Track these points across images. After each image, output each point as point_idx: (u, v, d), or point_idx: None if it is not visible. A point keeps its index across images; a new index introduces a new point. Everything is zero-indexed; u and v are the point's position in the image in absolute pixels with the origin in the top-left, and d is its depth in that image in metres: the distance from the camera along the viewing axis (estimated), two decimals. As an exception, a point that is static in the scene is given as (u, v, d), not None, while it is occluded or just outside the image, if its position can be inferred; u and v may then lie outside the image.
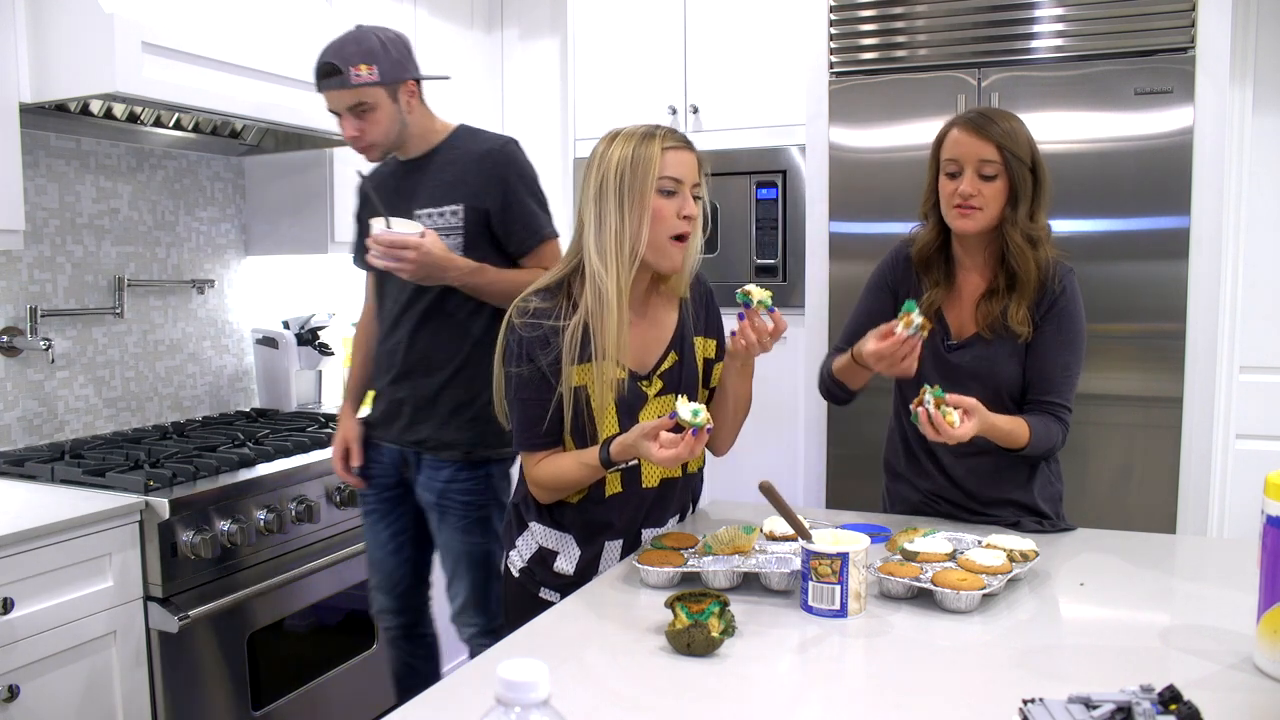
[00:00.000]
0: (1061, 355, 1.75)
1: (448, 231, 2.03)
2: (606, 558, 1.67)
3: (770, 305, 1.54)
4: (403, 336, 2.11)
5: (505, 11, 3.67)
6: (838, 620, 1.33)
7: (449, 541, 2.13)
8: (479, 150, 2.07)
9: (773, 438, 3.08)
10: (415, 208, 2.07)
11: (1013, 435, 1.67)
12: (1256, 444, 3.31)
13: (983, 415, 1.59)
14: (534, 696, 0.68)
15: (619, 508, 1.65)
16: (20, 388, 2.43)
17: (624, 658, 1.23)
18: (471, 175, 2.04)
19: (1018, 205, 1.72)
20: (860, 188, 2.80)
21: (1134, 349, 2.57)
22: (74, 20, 2.07)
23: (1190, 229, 2.49)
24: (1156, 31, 2.50)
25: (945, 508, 1.82)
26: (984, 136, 1.70)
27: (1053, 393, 1.75)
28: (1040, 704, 0.95)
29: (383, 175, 2.15)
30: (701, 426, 1.42)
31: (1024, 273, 1.72)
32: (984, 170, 1.71)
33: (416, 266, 1.91)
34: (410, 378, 2.11)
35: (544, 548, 1.68)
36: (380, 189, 2.07)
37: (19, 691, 1.75)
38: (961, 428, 1.55)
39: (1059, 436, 1.74)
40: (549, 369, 1.56)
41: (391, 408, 2.15)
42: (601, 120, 2.97)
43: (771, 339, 1.55)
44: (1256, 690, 1.11)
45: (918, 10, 2.72)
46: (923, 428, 1.57)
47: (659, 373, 1.64)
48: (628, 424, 1.57)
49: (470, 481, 2.09)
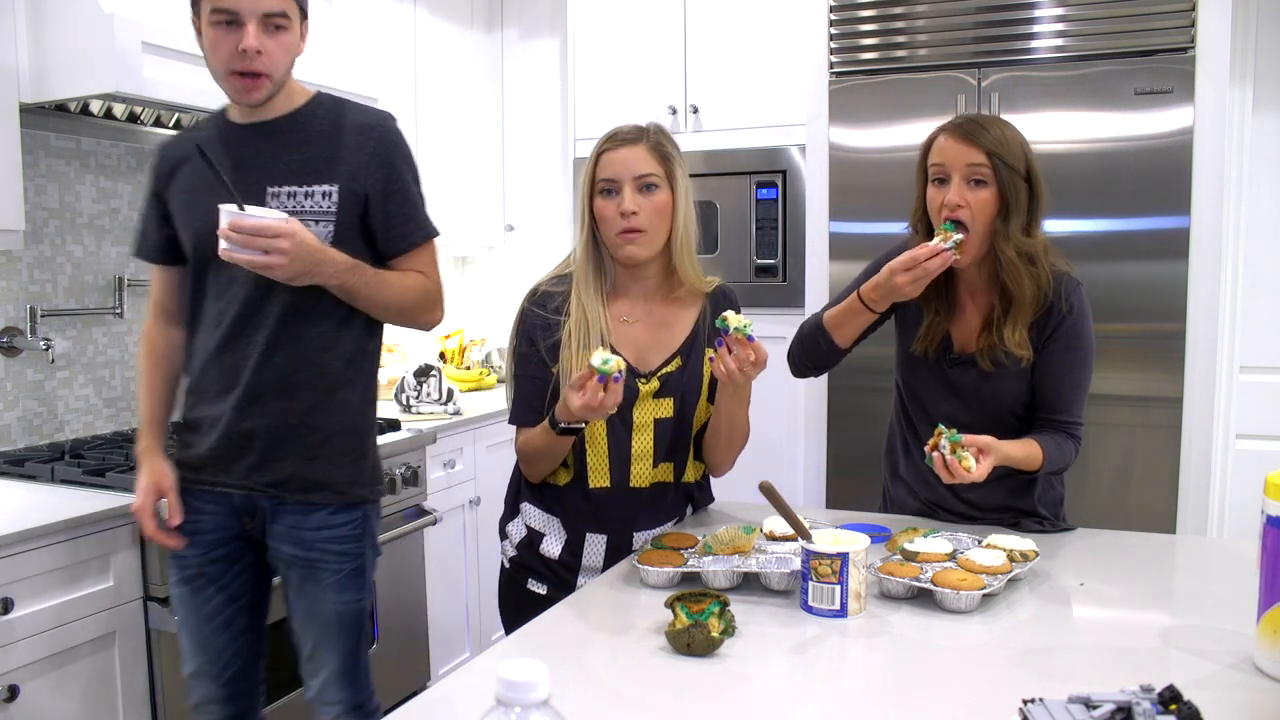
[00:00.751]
0: (1072, 373, 1.70)
1: (316, 218, 1.66)
2: (590, 551, 1.68)
3: (749, 334, 1.51)
4: (249, 351, 1.67)
5: (505, 11, 3.68)
6: (838, 620, 1.33)
7: (315, 604, 1.74)
8: (357, 123, 1.71)
9: (773, 437, 3.08)
10: (270, 185, 1.66)
11: (1027, 461, 1.64)
12: (1256, 444, 3.31)
13: (997, 451, 1.56)
14: (534, 696, 0.68)
15: (605, 503, 1.67)
16: (20, 388, 2.43)
17: (624, 658, 1.23)
18: (347, 152, 1.68)
19: (1010, 217, 1.63)
20: (860, 188, 2.80)
21: (1134, 349, 2.57)
22: (74, 20, 2.07)
23: (1190, 229, 2.49)
24: (1156, 31, 2.50)
25: (944, 516, 1.82)
26: (972, 142, 1.62)
27: (1064, 411, 1.71)
28: (1040, 704, 0.95)
29: (207, 140, 1.70)
30: (609, 374, 1.44)
31: (1018, 291, 1.65)
32: (972, 176, 1.62)
33: (289, 260, 1.54)
34: (262, 402, 1.68)
35: (532, 529, 1.73)
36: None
37: (19, 691, 1.75)
38: (978, 470, 1.52)
39: (1072, 453, 1.71)
40: (547, 353, 1.64)
41: (233, 441, 1.70)
42: (601, 120, 2.97)
43: (754, 368, 1.53)
44: (1256, 690, 1.11)
45: (918, 10, 2.72)
46: (938, 471, 1.55)
47: (659, 374, 1.66)
48: (614, 416, 1.59)
49: (347, 527, 1.73)
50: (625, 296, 1.70)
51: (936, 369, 1.78)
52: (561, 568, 1.70)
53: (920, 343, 1.78)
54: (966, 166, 1.63)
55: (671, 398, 1.66)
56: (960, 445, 1.53)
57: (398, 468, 2.61)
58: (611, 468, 1.66)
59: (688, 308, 1.71)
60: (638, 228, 1.61)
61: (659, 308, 1.70)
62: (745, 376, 1.53)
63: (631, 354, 1.65)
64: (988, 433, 1.59)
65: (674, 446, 1.69)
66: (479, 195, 3.66)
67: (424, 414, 3.03)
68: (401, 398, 3.08)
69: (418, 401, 3.07)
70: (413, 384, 3.08)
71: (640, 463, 1.67)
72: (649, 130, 1.66)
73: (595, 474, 1.67)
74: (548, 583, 1.71)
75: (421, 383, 3.08)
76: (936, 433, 1.55)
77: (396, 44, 3.22)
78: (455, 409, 3.05)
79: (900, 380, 1.88)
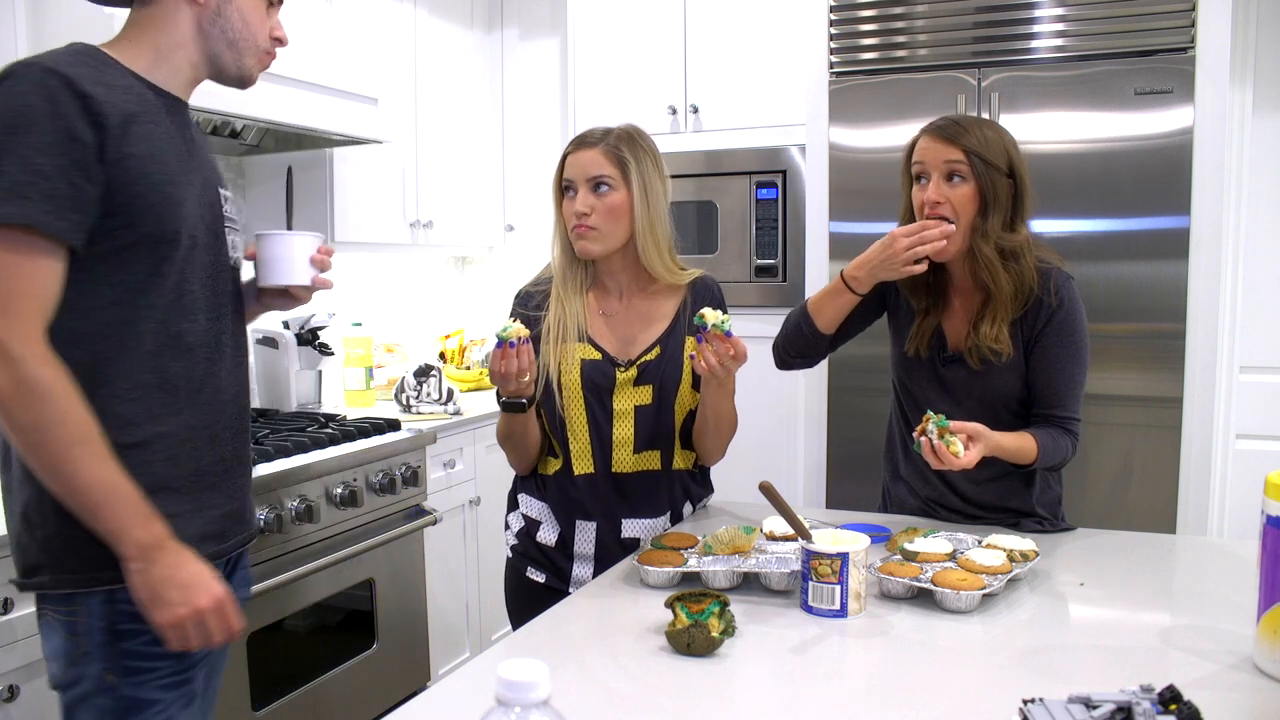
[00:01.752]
0: (1066, 367, 1.70)
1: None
2: (581, 538, 1.74)
3: (727, 330, 1.53)
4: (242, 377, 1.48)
5: (505, 11, 3.68)
6: (838, 620, 1.33)
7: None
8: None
9: (773, 438, 3.09)
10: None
11: (1021, 453, 1.64)
12: (1256, 444, 3.31)
13: (987, 439, 1.56)
14: (534, 696, 0.68)
15: (590, 489, 1.73)
16: (20, 388, 2.42)
17: (624, 658, 1.23)
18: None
19: (989, 214, 1.65)
20: (860, 188, 2.80)
21: (1134, 349, 2.57)
22: (74, 19, 2.06)
23: (1190, 229, 2.49)
24: (1156, 31, 2.50)
25: (944, 514, 1.82)
26: (949, 141, 1.65)
27: (1059, 406, 1.71)
28: (1040, 704, 0.95)
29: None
30: (506, 339, 1.53)
31: (995, 287, 1.67)
32: (950, 172, 1.65)
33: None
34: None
35: (529, 518, 1.80)
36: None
37: (19, 691, 1.75)
38: (966, 456, 1.52)
39: (1069, 449, 1.70)
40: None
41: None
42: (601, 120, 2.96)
43: (734, 363, 1.56)
44: (1256, 690, 1.11)
45: (918, 10, 2.72)
46: (925, 457, 1.55)
47: (638, 362, 1.72)
48: (594, 403, 1.70)
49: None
50: (604, 291, 1.78)
51: (929, 368, 1.79)
52: (557, 555, 1.76)
53: (912, 342, 1.79)
54: (944, 164, 1.66)
55: (650, 384, 1.72)
56: (948, 430, 1.53)
57: (398, 468, 2.61)
58: (594, 454, 1.72)
59: (667, 299, 1.77)
60: (590, 225, 1.69)
61: (638, 301, 1.77)
62: (726, 371, 1.57)
63: (612, 345, 1.74)
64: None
65: (655, 433, 1.73)
66: (479, 195, 3.66)
67: (424, 414, 3.03)
68: (401, 398, 3.08)
69: (418, 401, 3.07)
70: (413, 384, 3.09)
71: (621, 449, 1.72)
72: (613, 133, 1.73)
73: (579, 461, 1.73)
74: (545, 570, 1.77)
75: (421, 383, 3.08)
76: (924, 419, 1.55)
77: (396, 44, 3.21)
78: (455, 409, 3.05)
79: (896, 380, 1.88)
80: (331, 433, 2.54)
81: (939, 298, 1.78)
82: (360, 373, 3.19)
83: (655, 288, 1.77)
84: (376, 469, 2.55)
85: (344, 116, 2.65)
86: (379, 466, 2.56)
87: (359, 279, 3.50)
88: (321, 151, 2.90)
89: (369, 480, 2.52)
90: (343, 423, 2.71)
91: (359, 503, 2.46)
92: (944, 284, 1.78)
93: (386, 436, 2.63)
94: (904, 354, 1.82)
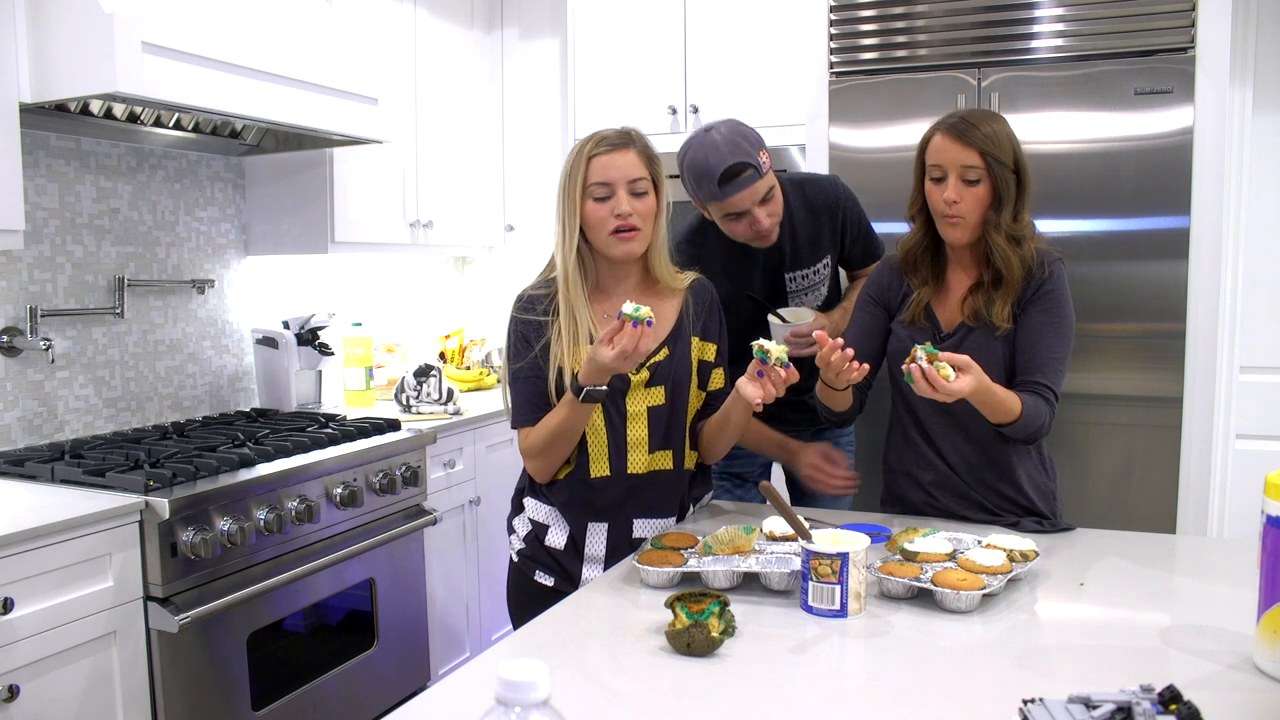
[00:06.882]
0: (1047, 338, 1.76)
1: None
2: (592, 540, 1.74)
3: (786, 362, 1.57)
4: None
5: (505, 11, 3.68)
6: (838, 620, 1.33)
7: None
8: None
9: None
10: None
11: (1006, 404, 1.67)
12: (1256, 444, 3.31)
13: (978, 374, 1.60)
14: (534, 696, 0.68)
15: (604, 490, 1.72)
16: (20, 388, 2.43)
17: (624, 658, 1.23)
18: None
19: (1001, 208, 1.75)
20: (860, 188, 2.78)
21: (1134, 349, 2.56)
22: (74, 20, 2.07)
23: (1190, 229, 2.49)
24: (1156, 31, 2.50)
25: (944, 500, 1.83)
26: (966, 143, 1.73)
27: (1038, 373, 1.75)
28: (1040, 704, 0.95)
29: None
30: (642, 320, 1.52)
31: (1008, 271, 1.76)
32: (967, 176, 1.74)
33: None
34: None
35: (536, 522, 1.79)
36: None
37: (19, 691, 1.75)
38: (957, 382, 1.55)
39: (1046, 417, 1.74)
40: (540, 353, 1.71)
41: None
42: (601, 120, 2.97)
43: (783, 389, 1.60)
44: (1256, 690, 1.11)
45: (918, 10, 2.72)
46: (917, 386, 1.56)
47: (648, 364, 1.72)
48: (608, 406, 1.70)
49: None
50: (608, 295, 1.78)
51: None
52: (566, 558, 1.76)
53: (908, 313, 1.86)
54: (962, 168, 1.74)
55: (662, 385, 1.73)
56: (937, 358, 1.55)
57: (398, 468, 2.61)
58: (610, 456, 1.72)
59: (668, 301, 1.78)
60: (634, 226, 1.68)
61: (643, 303, 1.75)
62: (771, 398, 1.59)
63: None
64: (973, 413, 1.68)
65: (669, 433, 1.74)
66: (479, 195, 3.66)
67: (424, 414, 3.03)
68: (401, 398, 3.08)
69: (418, 401, 3.07)
70: (413, 384, 3.09)
71: (636, 450, 1.73)
72: (633, 135, 1.73)
73: (595, 463, 1.73)
74: (554, 574, 1.77)
75: (421, 383, 3.08)
76: (912, 350, 1.57)
77: (396, 44, 3.22)
78: (455, 409, 3.05)
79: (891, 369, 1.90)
80: (331, 433, 2.54)
81: (939, 273, 1.86)
82: (360, 373, 3.19)
83: (658, 290, 1.78)
84: (376, 469, 2.55)
85: (344, 116, 2.65)
86: (379, 466, 2.56)
87: (359, 279, 3.51)
88: (321, 151, 2.90)
89: (369, 480, 2.52)
90: (343, 423, 2.71)
91: (359, 503, 2.46)
92: (943, 261, 1.87)
93: (386, 436, 2.64)
94: (899, 339, 1.85)
